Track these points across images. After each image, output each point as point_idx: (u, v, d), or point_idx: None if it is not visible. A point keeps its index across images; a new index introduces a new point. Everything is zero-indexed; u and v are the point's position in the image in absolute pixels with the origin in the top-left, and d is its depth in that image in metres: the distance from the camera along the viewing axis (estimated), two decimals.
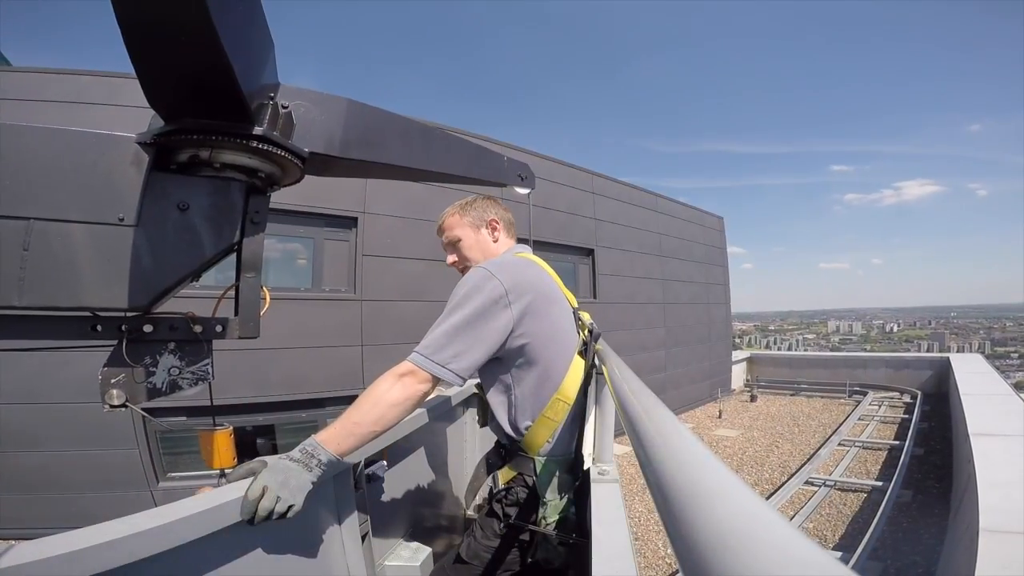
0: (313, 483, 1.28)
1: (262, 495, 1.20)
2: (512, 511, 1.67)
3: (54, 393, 6.69)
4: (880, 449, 10.77)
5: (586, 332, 1.80)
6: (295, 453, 1.30)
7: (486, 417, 1.85)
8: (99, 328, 1.39)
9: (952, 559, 4.81)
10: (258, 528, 1.21)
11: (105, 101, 7.10)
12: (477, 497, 1.96)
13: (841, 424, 12.88)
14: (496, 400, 1.68)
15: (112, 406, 1.39)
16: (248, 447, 8.62)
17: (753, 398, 17.09)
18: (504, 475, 1.75)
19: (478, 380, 1.78)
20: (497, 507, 1.71)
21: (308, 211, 7.70)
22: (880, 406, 14.54)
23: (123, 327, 1.40)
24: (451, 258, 1.90)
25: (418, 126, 1.77)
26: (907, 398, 14.79)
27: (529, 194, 2.18)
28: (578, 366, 1.68)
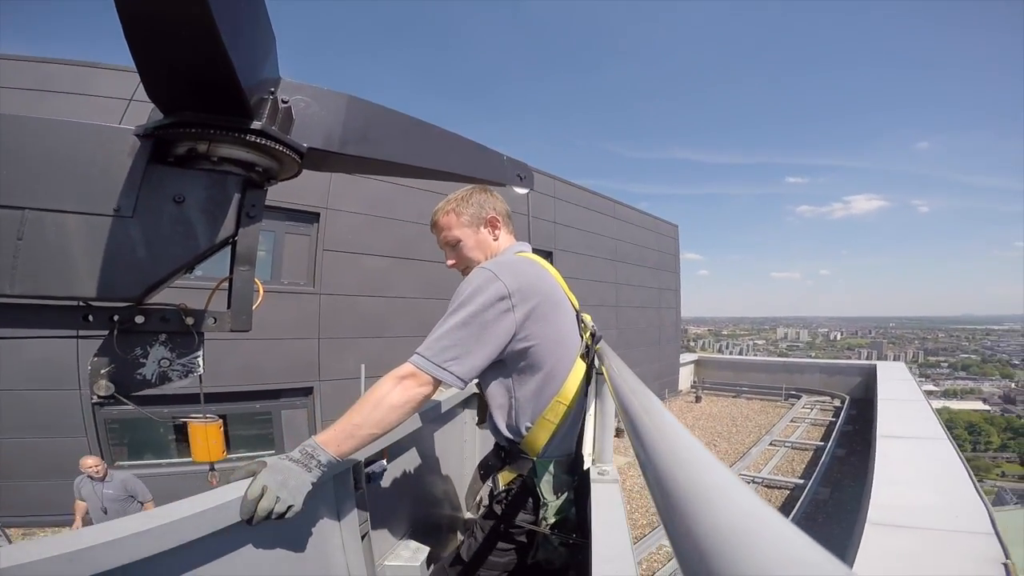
0: (312, 484, 1.27)
1: (261, 495, 1.19)
2: (512, 512, 1.65)
3: (2, 380, 6.50)
4: (807, 449, 11.36)
5: (588, 335, 1.76)
6: (295, 454, 1.29)
7: (484, 416, 1.83)
8: (91, 318, 1.37)
9: (850, 551, 5.17)
10: (258, 528, 1.21)
11: (71, 90, 6.93)
12: (477, 498, 1.95)
13: (774, 425, 13.45)
14: (496, 403, 1.65)
15: (100, 396, 1.37)
16: None
17: (698, 399, 17.65)
18: (504, 477, 1.74)
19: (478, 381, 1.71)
20: (497, 508, 1.70)
21: (269, 204, 7.43)
22: (812, 409, 15.26)
23: (115, 317, 1.39)
24: (450, 260, 1.85)
25: (417, 123, 1.78)
26: (837, 402, 15.53)
27: (528, 194, 2.19)
28: (579, 369, 1.65)
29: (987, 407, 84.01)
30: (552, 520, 1.57)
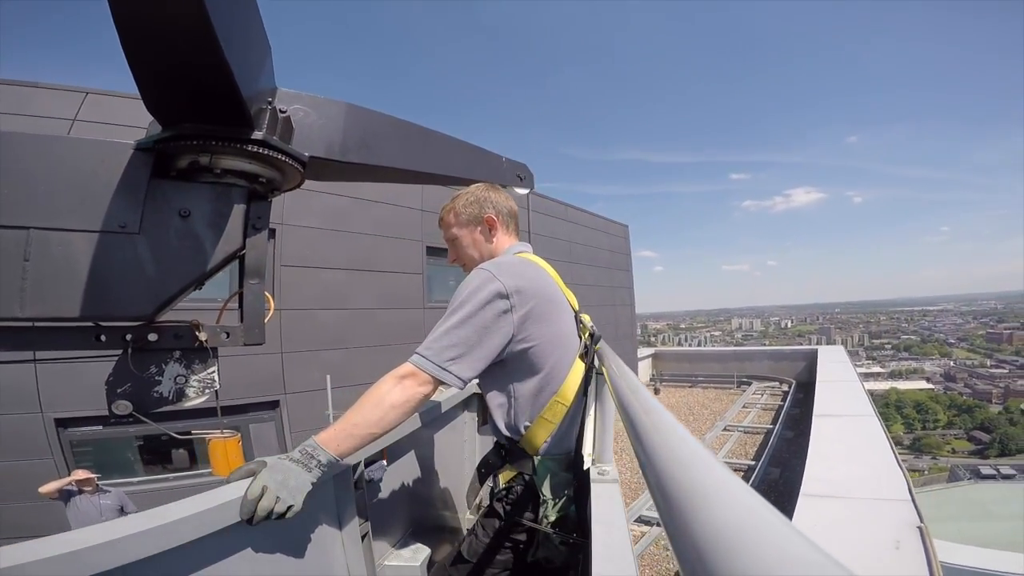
0: (313, 484, 1.26)
1: (261, 495, 1.18)
2: (513, 510, 1.64)
3: None
4: (758, 433, 11.77)
5: (587, 335, 1.75)
6: (295, 454, 1.28)
7: (486, 418, 1.80)
8: (103, 338, 1.35)
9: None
10: (258, 528, 1.20)
11: (9, 110, 6.78)
12: (477, 497, 1.92)
13: (727, 411, 13.91)
14: (495, 402, 1.65)
15: (118, 416, 1.34)
16: (164, 456, 8.32)
17: (656, 391, 17.97)
18: (504, 475, 1.73)
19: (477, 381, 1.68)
20: (498, 506, 1.69)
21: None
22: (762, 395, 15.79)
23: (128, 336, 1.36)
24: (451, 256, 1.85)
25: (416, 128, 1.78)
26: (785, 387, 16.11)
27: (528, 194, 2.19)
28: (579, 369, 1.64)
29: (931, 385, 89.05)
30: (553, 518, 1.56)
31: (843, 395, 8.83)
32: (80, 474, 5.16)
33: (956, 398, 77.80)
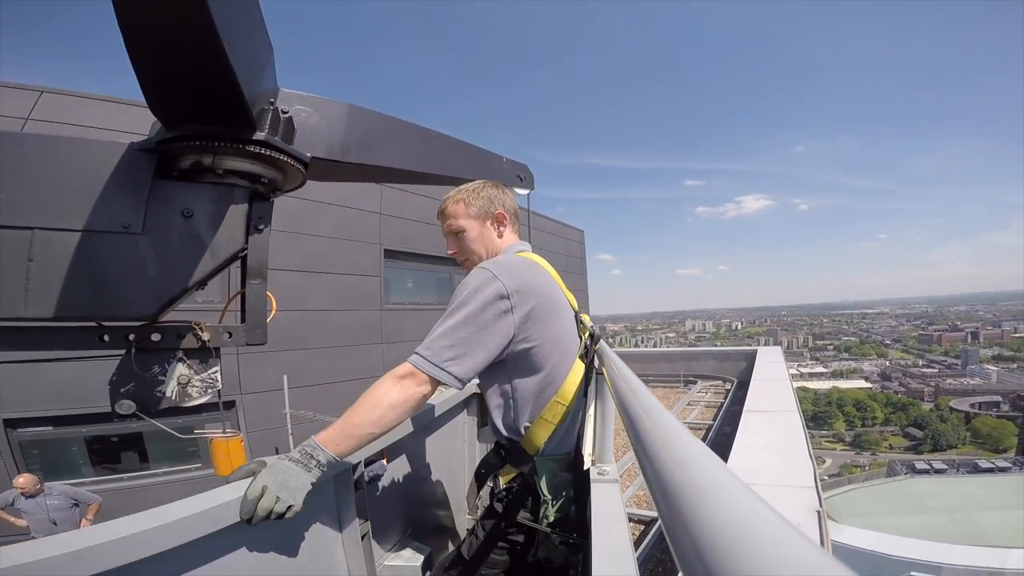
0: (312, 484, 1.23)
1: (261, 495, 1.16)
2: (513, 510, 1.63)
3: None
4: (700, 429, 12.17)
5: (587, 335, 1.73)
6: (294, 454, 1.27)
7: (486, 419, 1.80)
8: (106, 338, 1.33)
9: None
10: (258, 528, 1.20)
11: None
12: (477, 497, 1.93)
13: (672, 408, 14.30)
14: (495, 403, 1.63)
15: (121, 416, 1.33)
16: (112, 456, 8.22)
17: None
18: (504, 475, 1.72)
19: (478, 381, 1.67)
20: (498, 507, 1.68)
21: None
22: (707, 393, 16.30)
23: (131, 336, 1.35)
24: (451, 249, 1.77)
25: (417, 129, 1.79)
26: (728, 385, 16.68)
27: (528, 195, 2.20)
28: (578, 369, 1.62)
29: (869, 384, 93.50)
30: (553, 518, 1.55)
31: (772, 392, 9.26)
32: (21, 480, 5.15)
33: (892, 396, 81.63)
